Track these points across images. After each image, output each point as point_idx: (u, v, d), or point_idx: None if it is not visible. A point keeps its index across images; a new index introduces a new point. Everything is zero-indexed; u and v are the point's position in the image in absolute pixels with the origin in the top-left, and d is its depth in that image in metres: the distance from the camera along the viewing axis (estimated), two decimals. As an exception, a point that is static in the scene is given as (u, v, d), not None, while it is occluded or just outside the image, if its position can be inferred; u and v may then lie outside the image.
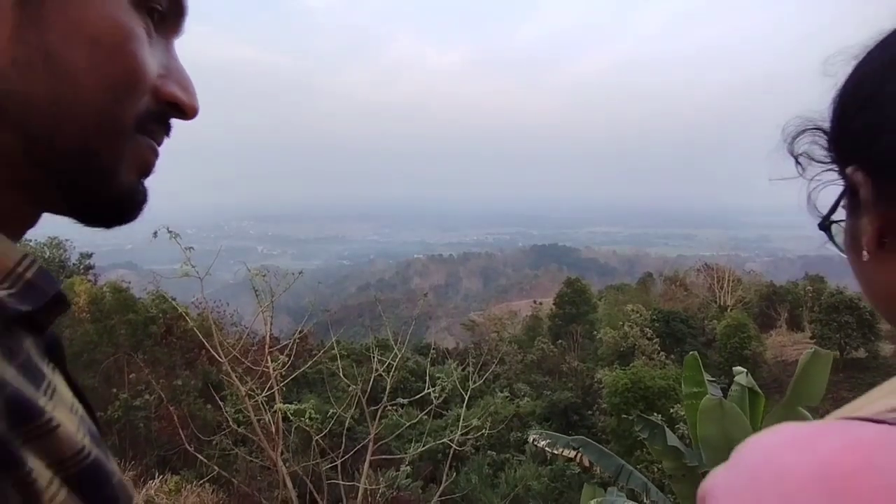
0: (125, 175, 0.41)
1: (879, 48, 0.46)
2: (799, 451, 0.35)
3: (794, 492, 0.32)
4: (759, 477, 0.35)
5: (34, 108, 0.35)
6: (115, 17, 0.38)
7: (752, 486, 0.35)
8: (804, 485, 0.32)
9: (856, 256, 0.47)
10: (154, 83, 0.41)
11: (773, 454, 0.35)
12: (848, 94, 0.47)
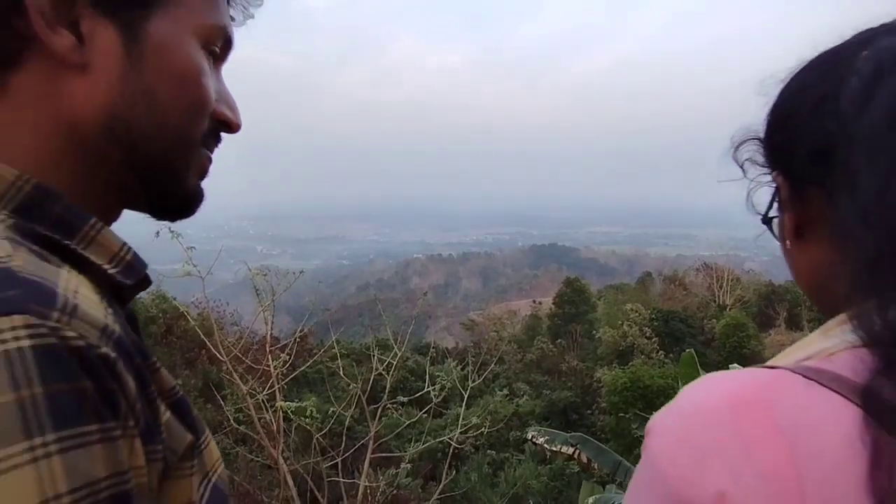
0: (191, 179, 0.53)
1: (796, 76, 0.55)
2: (711, 390, 0.45)
3: (702, 419, 0.43)
4: (682, 412, 0.45)
5: (134, 129, 0.47)
6: (193, 59, 0.49)
7: (677, 420, 0.45)
8: (708, 413, 0.43)
9: (783, 246, 0.58)
10: (213, 106, 0.52)
11: (693, 395, 0.46)
12: (773, 113, 0.57)
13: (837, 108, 0.47)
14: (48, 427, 0.32)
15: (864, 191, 0.43)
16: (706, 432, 0.42)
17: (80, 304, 0.37)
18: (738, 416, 0.41)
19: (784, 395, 0.42)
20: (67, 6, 0.43)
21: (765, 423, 0.41)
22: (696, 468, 0.41)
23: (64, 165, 0.46)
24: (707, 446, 0.42)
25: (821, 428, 0.40)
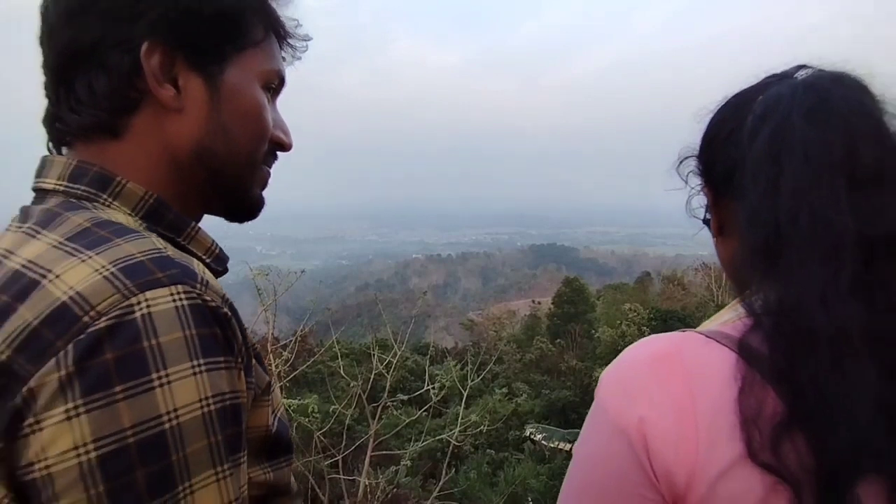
0: (255, 190, 0.69)
1: (718, 110, 0.70)
2: (641, 348, 0.61)
3: (633, 368, 0.60)
4: (620, 364, 0.61)
5: (215, 155, 0.62)
6: (256, 98, 0.64)
7: (617, 369, 0.61)
8: (638, 364, 0.60)
9: (714, 241, 0.74)
10: (269, 130, 0.67)
11: (629, 352, 0.62)
12: (703, 138, 0.71)
13: (739, 139, 0.62)
14: (199, 354, 0.48)
15: (749, 202, 0.59)
16: (634, 377, 0.59)
17: (209, 280, 0.52)
18: (657, 365, 0.58)
19: (688, 349, 0.58)
20: (169, 67, 0.59)
21: (674, 369, 0.57)
22: (626, 402, 0.58)
23: (169, 183, 0.62)
24: (634, 386, 0.58)
25: (711, 370, 0.56)
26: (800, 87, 0.60)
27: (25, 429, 0.43)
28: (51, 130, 0.63)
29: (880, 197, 0.54)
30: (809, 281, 0.53)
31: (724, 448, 0.53)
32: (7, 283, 0.49)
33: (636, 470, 0.56)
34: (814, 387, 0.51)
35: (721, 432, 0.53)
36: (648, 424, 0.55)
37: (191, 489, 0.46)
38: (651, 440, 0.55)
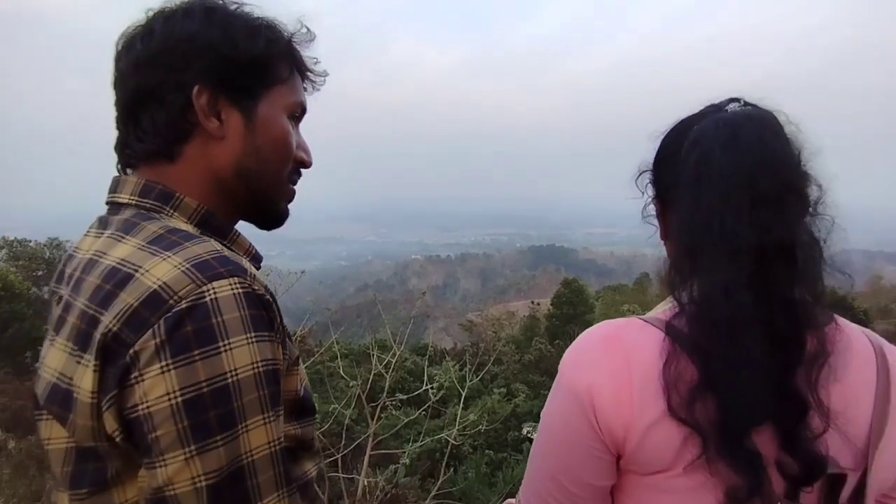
0: (282, 204, 0.84)
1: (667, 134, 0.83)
2: (593, 330, 0.76)
3: (586, 347, 0.74)
4: (577, 344, 0.76)
5: (251, 174, 0.77)
6: (282, 126, 0.79)
7: (574, 348, 0.76)
8: (589, 343, 0.75)
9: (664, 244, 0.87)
10: (293, 151, 0.81)
11: (585, 334, 0.76)
12: (655, 155, 0.84)
13: (676, 161, 0.76)
14: (251, 329, 0.62)
15: (679, 214, 0.74)
16: (586, 353, 0.74)
17: (255, 274, 0.67)
18: (603, 344, 0.73)
19: (628, 331, 0.74)
20: (214, 104, 0.74)
21: (616, 347, 0.72)
22: (579, 372, 0.73)
23: (214, 197, 0.76)
24: (585, 360, 0.74)
25: (645, 347, 0.70)
26: (720, 122, 0.74)
27: (132, 380, 0.59)
28: (121, 155, 0.78)
29: (773, 213, 0.68)
30: (717, 277, 0.67)
31: (652, 407, 0.67)
32: (108, 275, 0.64)
33: (586, 426, 0.71)
34: (719, 359, 0.65)
35: (650, 395, 0.68)
36: (595, 389, 0.70)
37: (246, 428, 0.61)
38: (597, 402, 0.70)
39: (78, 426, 0.62)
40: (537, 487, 0.76)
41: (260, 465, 0.62)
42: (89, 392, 0.61)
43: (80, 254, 0.73)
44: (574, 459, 0.72)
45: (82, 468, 0.64)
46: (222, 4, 0.77)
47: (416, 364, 13.30)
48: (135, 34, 0.75)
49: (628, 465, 0.70)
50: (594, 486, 0.73)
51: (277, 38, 0.79)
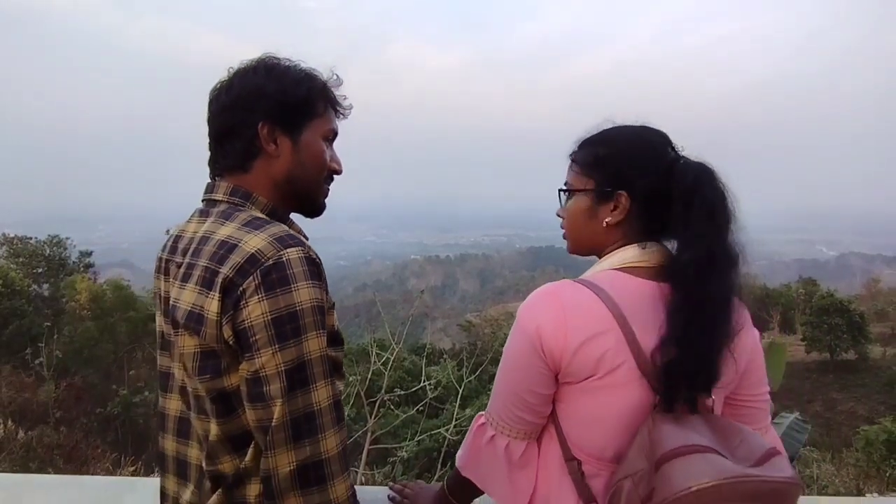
0: (320, 200, 1.16)
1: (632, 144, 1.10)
2: (540, 290, 1.05)
3: (535, 302, 1.03)
4: (528, 301, 1.05)
5: (298, 181, 1.10)
6: (320, 147, 1.12)
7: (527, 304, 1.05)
8: (537, 298, 1.03)
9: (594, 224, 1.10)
10: (329, 163, 1.14)
11: (534, 293, 1.05)
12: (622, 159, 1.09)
13: (673, 187, 1.02)
14: (310, 277, 0.94)
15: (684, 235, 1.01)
16: (535, 306, 1.03)
17: (309, 245, 0.99)
18: (547, 298, 1.02)
19: (565, 289, 1.02)
20: (272, 134, 1.07)
21: (555, 300, 1.01)
22: (530, 318, 1.02)
23: (275, 196, 1.10)
24: (534, 310, 1.02)
25: (578, 301, 0.99)
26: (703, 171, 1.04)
27: (240, 305, 0.92)
28: (212, 168, 1.13)
29: (731, 233, 1.01)
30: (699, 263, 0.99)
31: (579, 337, 0.98)
32: (220, 245, 0.98)
33: (535, 354, 1.01)
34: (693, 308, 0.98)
35: (579, 330, 0.98)
36: (541, 329, 1.00)
37: (307, 338, 0.93)
38: (543, 337, 1.00)
39: (207, 335, 0.95)
40: (503, 399, 1.09)
41: (315, 362, 0.95)
42: (215, 313, 0.94)
43: (188, 234, 1.08)
44: (527, 376, 1.04)
45: (206, 363, 0.98)
46: (277, 61, 1.12)
47: (414, 364, 13.35)
48: (222, 87, 1.11)
49: (565, 377, 1.02)
50: (541, 395, 1.05)
51: (315, 85, 1.13)
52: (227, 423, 0.99)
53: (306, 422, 0.94)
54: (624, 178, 1.07)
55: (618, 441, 1.00)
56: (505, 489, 1.10)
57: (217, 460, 1.01)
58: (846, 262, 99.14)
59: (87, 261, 22.23)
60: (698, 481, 0.83)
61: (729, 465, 0.86)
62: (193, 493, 1.06)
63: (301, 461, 0.94)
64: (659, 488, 0.86)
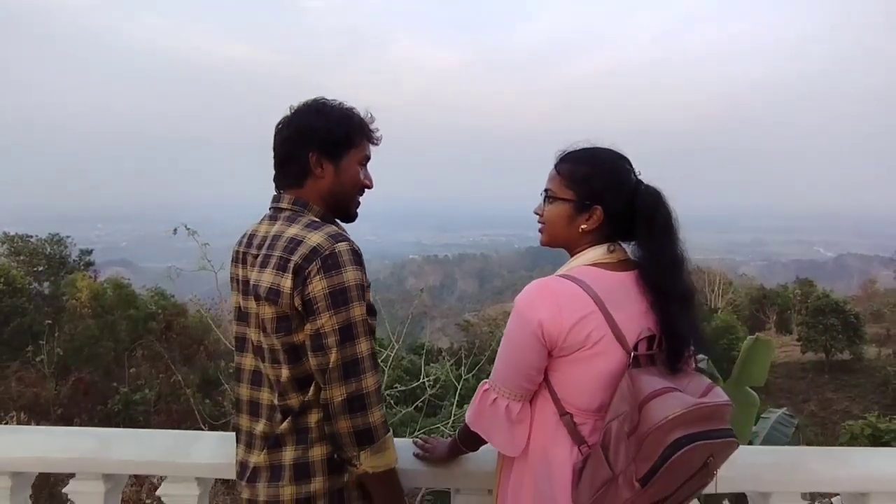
0: (353, 209, 1.54)
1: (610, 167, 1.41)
2: (534, 283, 1.33)
3: (531, 293, 1.31)
4: (524, 292, 1.33)
5: (338, 195, 1.49)
6: (356, 170, 1.51)
7: (523, 295, 1.33)
8: (533, 292, 1.31)
9: (572, 228, 1.40)
10: (363, 181, 1.52)
11: (529, 286, 1.33)
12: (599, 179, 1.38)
13: (634, 205, 1.35)
14: (354, 264, 1.34)
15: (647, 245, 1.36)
16: (535, 300, 1.30)
17: (353, 240, 1.37)
18: (543, 292, 1.30)
19: (553, 284, 1.30)
20: (320, 161, 1.44)
21: (549, 294, 1.29)
22: (531, 311, 1.29)
23: (323, 206, 1.47)
24: (535, 304, 1.29)
25: (567, 293, 1.28)
26: (658, 195, 1.37)
27: (307, 282, 1.29)
28: (277, 184, 1.49)
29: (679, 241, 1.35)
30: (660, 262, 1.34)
31: (568, 320, 1.26)
32: (290, 240, 1.34)
33: (536, 340, 1.29)
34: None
35: (572, 315, 1.26)
36: (543, 321, 1.27)
37: (353, 306, 1.31)
38: (544, 327, 1.27)
39: (283, 304, 1.32)
40: (505, 372, 1.37)
41: (358, 324, 1.33)
42: (289, 288, 1.31)
43: (260, 232, 1.44)
44: (529, 356, 1.32)
45: (281, 325, 1.34)
46: (325, 102, 1.48)
47: (412, 363, 13.43)
48: (283, 122, 1.47)
49: (559, 353, 1.30)
50: (538, 368, 1.34)
51: (354, 123, 1.48)
52: (295, 368, 1.36)
53: (353, 365, 1.32)
54: (600, 195, 1.37)
55: (601, 395, 1.30)
56: (505, 439, 1.38)
57: (286, 397, 1.38)
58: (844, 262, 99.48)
59: (87, 259, 22.30)
60: (672, 411, 1.14)
61: (688, 398, 1.18)
62: (265, 425, 1.42)
63: (349, 393, 1.31)
64: (643, 421, 1.16)
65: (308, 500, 1.37)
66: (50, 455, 1.79)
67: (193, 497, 1.79)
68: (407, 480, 1.67)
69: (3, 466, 1.78)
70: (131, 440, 1.89)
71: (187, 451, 1.80)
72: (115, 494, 1.87)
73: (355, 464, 1.34)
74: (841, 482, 1.74)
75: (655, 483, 1.15)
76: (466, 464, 1.69)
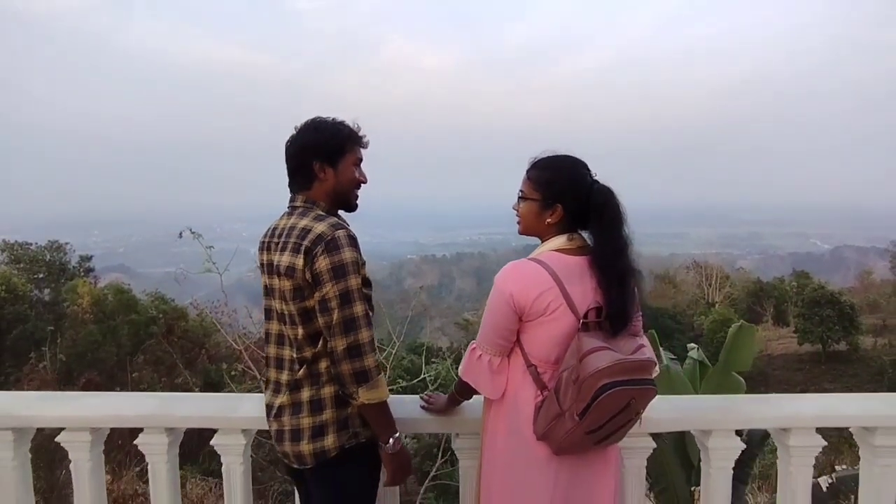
0: (353, 202, 1.93)
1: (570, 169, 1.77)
2: (508, 266, 1.70)
3: (507, 273, 1.69)
4: (501, 273, 1.70)
5: (339, 193, 1.89)
6: (352, 171, 1.89)
7: (501, 275, 1.70)
8: (508, 272, 1.69)
9: (539, 221, 1.75)
10: (358, 178, 1.91)
11: (504, 269, 1.71)
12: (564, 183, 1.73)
13: (589, 201, 1.69)
14: (351, 245, 1.73)
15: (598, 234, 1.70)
16: (509, 277, 1.68)
17: (351, 228, 1.78)
18: (514, 272, 1.68)
19: (522, 265, 1.68)
20: (322, 167, 1.83)
21: (518, 273, 1.67)
22: (505, 286, 1.66)
23: (327, 202, 1.86)
24: (508, 280, 1.67)
25: (532, 272, 1.65)
26: (609, 192, 1.69)
27: (315, 261, 1.68)
28: (291, 188, 1.86)
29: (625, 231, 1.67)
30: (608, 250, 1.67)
31: (533, 292, 1.62)
32: (302, 229, 1.73)
33: (510, 308, 1.65)
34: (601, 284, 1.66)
35: (535, 288, 1.62)
36: (514, 293, 1.64)
37: (349, 278, 1.69)
38: (515, 298, 1.64)
39: (298, 278, 1.70)
40: (487, 333, 1.73)
41: (354, 291, 1.69)
42: (302, 266, 1.69)
43: (280, 225, 1.81)
44: (504, 321, 1.68)
45: (297, 294, 1.72)
46: (321, 120, 1.85)
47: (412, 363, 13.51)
48: (292, 138, 1.83)
49: (527, 318, 1.66)
50: (511, 330, 1.70)
51: (344, 133, 1.85)
52: (308, 327, 1.75)
53: (351, 322, 1.69)
54: (561, 196, 1.71)
55: (557, 351, 1.66)
56: (489, 386, 1.76)
57: (302, 350, 1.78)
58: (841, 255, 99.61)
59: (87, 265, 22.36)
60: (602, 364, 1.50)
61: (617, 354, 1.54)
62: (288, 374, 1.83)
63: (349, 344, 1.69)
64: (582, 371, 1.52)
65: (322, 427, 1.77)
66: (123, 413, 2.20)
67: (240, 446, 2.20)
68: (418, 427, 2.22)
69: (85, 423, 2.17)
70: (188, 401, 2.33)
71: (235, 408, 2.20)
72: (175, 446, 2.26)
73: (355, 398, 1.71)
74: (767, 420, 2.17)
75: (588, 416, 1.53)
76: (462, 413, 2.09)
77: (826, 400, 2.28)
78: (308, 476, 1.84)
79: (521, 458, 1.70)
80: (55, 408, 2.22)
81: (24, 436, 2.22)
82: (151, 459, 2.22)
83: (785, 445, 2.15)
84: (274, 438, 1.86)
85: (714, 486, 2.15)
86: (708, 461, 2.15)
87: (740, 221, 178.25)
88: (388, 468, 1.81)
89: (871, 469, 2.16)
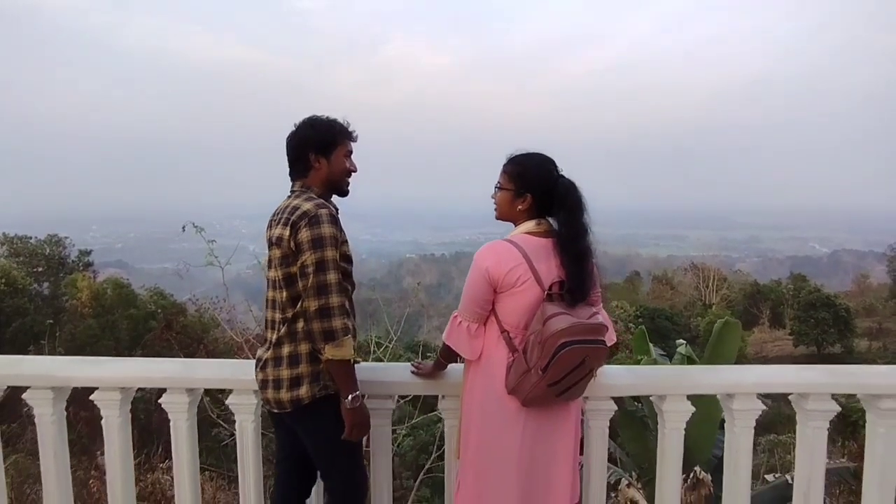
0: (344, 189, 2.22)
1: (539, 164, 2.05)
2: (486, 245, 2.00)
3: (486, 252, 1.97)
4: (480, 251, 1.98)
5: (332, 181, 2.17)
6: (343, 161, 2.17)
7: (480, 254, 1.98)
8: (486, 251, 1.97)
9: (513, 208, 2.03)
10: (349, 168, 2.19)
11: (483, 248, 1.99)
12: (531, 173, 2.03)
13: (556, 191, 1.97)
14: (331, 222, 1.98)
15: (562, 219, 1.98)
16: (485, 255, 1.95)
17: (334, 206, 2.10)
18: (490, 251, 1.96)
19: (497, 244, 1.97)
20: (317, 158, 2.13)
21: (493, 252, 1.95)
22: (483, 262, 1.94)
23: (321, 188, 2.14)
24: (484, 257, 1.95)
25: (505, 250, 1.94)
26: (571, 185, 1.96)
27: (298, 233, 1.95)
28: (291, 176, 2.15)
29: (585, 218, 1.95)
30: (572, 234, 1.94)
31: (505, 267, 1.90)
32: (293, 207, 2.01)
33: (486, 281, 1.93)
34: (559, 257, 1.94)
35: (508, 264, 1.90)
36: (489, 268, 1.92)
37: (326, 249, 1.95)
38: (489, 271, 1.91)
39: (284, 247, 1.97)
40: (466, 303, 1.98)
41: (329, 261, 1.95)
42: (287, 237, 1.96)
43: (282, 206, 2.06)
44: (481, 292, 1.94)
45: (284, 261, 1.99)
46: (316, 118, 2.13)
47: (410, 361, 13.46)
48: (291, 134, 2.12)
49: (500, 289, 1.92)
50: (487, 300, 1.96)
51: (336, 128, 2.13)
52: (291, 290, 2.01)
53: (323, 287, 1.94)
54: (531, 187, 1.98)
55: (527, 318, 1.92)
56: (467, 348, 2.03)
57: (286, 311, 2.04)
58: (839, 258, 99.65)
59: (86, 260, 22.40)
60: (560, 326, 1.78)
61: (573, 319, 1.81)
62: (275, 333, 2.08)
63: (320, 306, 1.94)
64: (545, 332, 1.80)
65: (298, 378, 2.06)
66: (150, 374, 2.55)
67: (252, 405, 2.48)
68: (409, 389, 2.50)
69: (116, 383, 2.45)
70: (206, 365, 2.66)
71: (248, 372, 2.39)
72: (194, 405, 2.56)
73: (322, 354, 1.98)
74: (714, 387, 2.47)
75: (550, 371, 1.80)
76: (448, 377, 2.36)
77: (766, 370, 2.56)
78: (287, 419, 2.17)
79: (495, 411, 1.98)
80: (90, 370, 2.53)
81: (61, 394, 2.49)
82: (173, 417, 2.50)
83: (730, 409, 2.41)
84: (259, 386, 2.16)
85: (669, 444, 2.45)
86: (663, 423, 2.44)
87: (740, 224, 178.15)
88: (346, 422, 2.04)
89: (805, 431, 2.42)
